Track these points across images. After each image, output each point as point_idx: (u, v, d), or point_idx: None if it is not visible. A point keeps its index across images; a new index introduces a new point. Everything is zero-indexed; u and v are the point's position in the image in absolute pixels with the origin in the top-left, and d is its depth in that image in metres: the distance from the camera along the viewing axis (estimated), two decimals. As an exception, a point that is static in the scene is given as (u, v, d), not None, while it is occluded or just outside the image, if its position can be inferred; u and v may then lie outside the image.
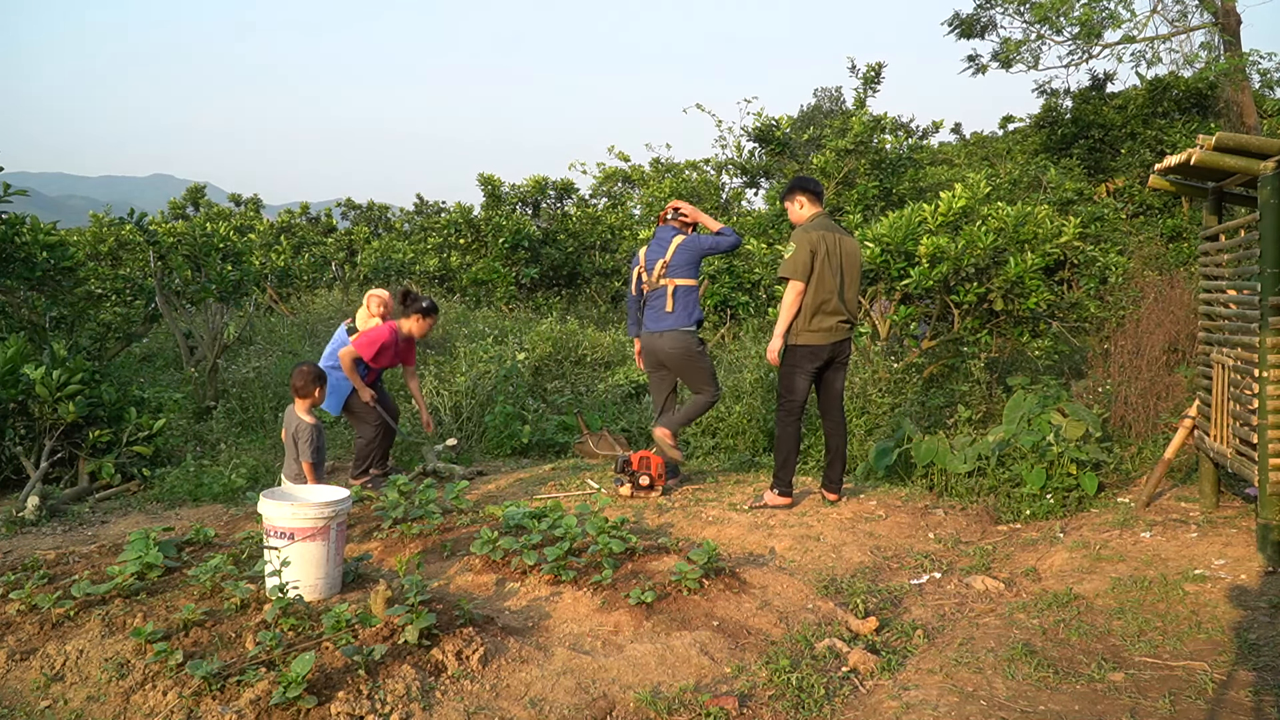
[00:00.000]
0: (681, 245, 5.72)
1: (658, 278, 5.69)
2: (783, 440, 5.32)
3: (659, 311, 5.68)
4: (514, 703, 2.99)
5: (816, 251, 5.12)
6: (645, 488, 5.61)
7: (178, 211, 21.28)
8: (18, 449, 5.98)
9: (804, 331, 5.18)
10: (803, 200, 5.38)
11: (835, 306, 5.18)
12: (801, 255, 5.12)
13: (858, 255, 5.34)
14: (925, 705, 2.96)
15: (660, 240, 5.79)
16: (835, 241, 5.21)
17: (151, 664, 3.13)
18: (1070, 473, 5.34)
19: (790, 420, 5.30)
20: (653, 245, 5.81)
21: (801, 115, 27.33)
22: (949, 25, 17.52)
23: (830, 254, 5.16)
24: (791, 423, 5.30)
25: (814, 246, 5.13)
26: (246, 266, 9.55)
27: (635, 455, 5.66)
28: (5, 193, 7.24)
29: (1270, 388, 3.89)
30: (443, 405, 7.86)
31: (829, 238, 5.19)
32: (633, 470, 5.62)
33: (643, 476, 5.60)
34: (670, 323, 5.63)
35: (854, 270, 5.29)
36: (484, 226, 15.50)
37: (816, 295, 5.14)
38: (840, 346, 5.29)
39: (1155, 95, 15.35)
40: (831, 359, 5.29)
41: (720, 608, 3.75)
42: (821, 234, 5.18)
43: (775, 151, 12.88)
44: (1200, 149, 4.12)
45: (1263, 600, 3.62)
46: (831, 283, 5.14)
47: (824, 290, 5.14)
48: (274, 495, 3.93)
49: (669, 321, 5.63)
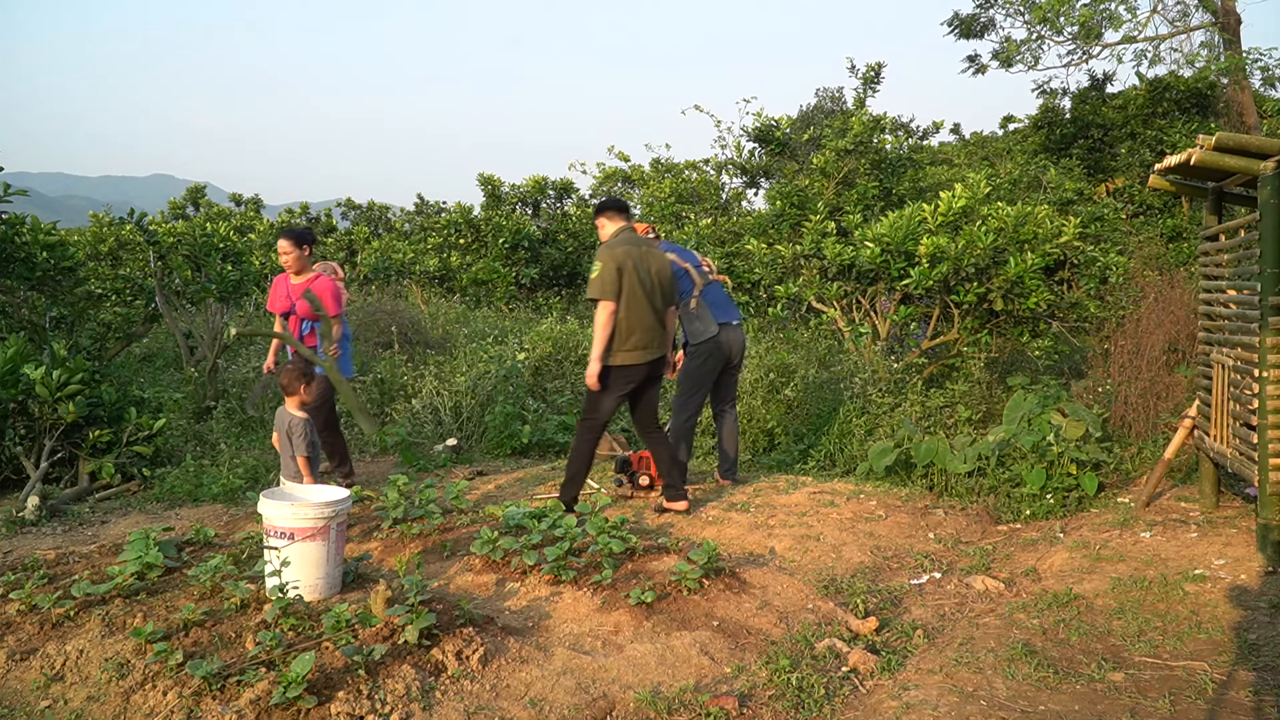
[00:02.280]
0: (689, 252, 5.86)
1: (716, 270, 5.78)
2: (577, 456, 5.10)
3: (728, 304, 5.76)
4: (514, 703, 2.99)
5: (623, 268, 4.91)
6: (645, 488, 5.61)
7: (178, 211, 21.28)
8: (18, 449, 5.98)
9: (619, 351, 4.95)
10: (602, 221, 5.19)
11: (649, 323, 4.99)
12: (608, 273, 4.90)
13: (668, 269, 5.15)
14: (925, 705, 2.96)
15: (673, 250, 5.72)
16: (641, 256, 5.00)
17: (151, 664, 3.13)
18: (1070, 473, 5.34)
19: (589, 438, 5.10)
20: (678, 251, 5.72)
21: (802, 115, 27.31)
22: (949, 25, 17.53)
23: (638, 269, 4.95)
24: (590, 440, 5.10)
25: (619, 263, 4.91)
26: (246, 266, 9.54)
27: (634, 455, 5.66)
28: (5, 193, 7.24)
29: (1270, 388, 3.89)
30: (443, 405, 7.85)
31: (634, 252, 4.97)
32: (632, 470, 5.62)
33: (642, 476, 5.60)
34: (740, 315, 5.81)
35: (665, 285, 5.10)
36: (484, 226, 15.51)
37: (629, 314, 4.93)
38: (656, 365, 5.12)
39: (1155, 95, 15.34)
40: (647, 377, 5.12)
41: (720, 608, 3.75)
42: (626, 249, 4.97)
43: (775, 151, 12.88)
44: (1200, 149, 4.12)
45: (1263, 600, 3.62)
46: (643, 300, 4.95)
47: (636, 308, 4.93)
48: (274, 495, 3.94)
49: (739, 314, 5.80)
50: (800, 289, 8.72)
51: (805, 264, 8.80)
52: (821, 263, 8.60)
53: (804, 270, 8.81)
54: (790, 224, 10.92)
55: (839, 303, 8.64)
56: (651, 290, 5.00)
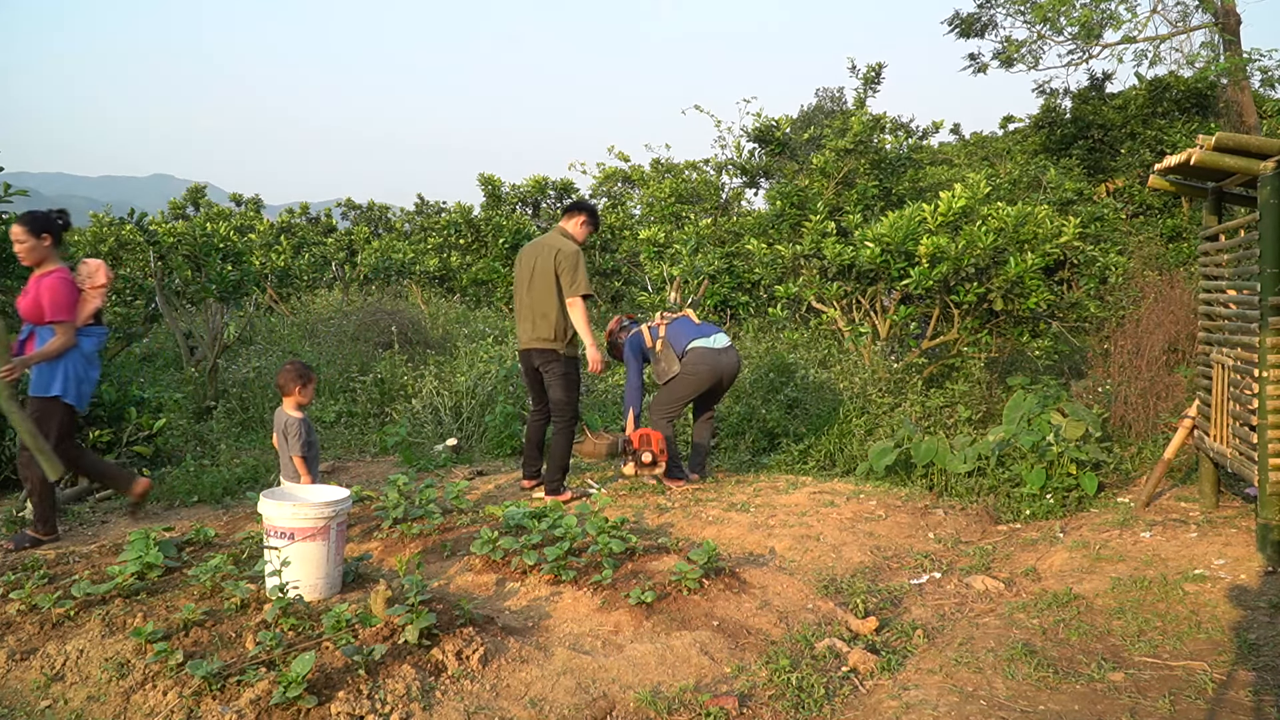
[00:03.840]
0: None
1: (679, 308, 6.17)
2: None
3: (704, 328, 5.98)
4: (514, 703, 2.99)
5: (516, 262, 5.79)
6: (649, 464, 5.65)
7: (178, 211, 21.27)
8: (18, 449, 5.98)
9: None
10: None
11: (521, 313, 5.62)
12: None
13: (548, 262, 5.53)
14: (925, 705, 2.96)
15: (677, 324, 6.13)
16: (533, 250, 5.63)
17: (151, 664, 3.13)
18: (1070, 473, 5.34)
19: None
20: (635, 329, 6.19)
21: (802, 115, 27.31)
22: (949, 24, 17.53)
23: (521, 264, 5.64)
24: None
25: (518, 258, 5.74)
26: (246, 266, 9.54)
27: (635, 434, 5.70)
28: (5, 193, 7.23)
29: (1270, 388, 3.89)
30: (443, 405, 7.85)
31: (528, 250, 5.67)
32: (634, 449, 5.66)
33: (644, 454, 5.64)
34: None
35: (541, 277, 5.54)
36: (484, 226, 15.50)
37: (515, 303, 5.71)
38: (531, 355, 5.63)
39: (1155, 95, 15.34)
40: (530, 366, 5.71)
41: (720, 608, 3.75)
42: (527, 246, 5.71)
43: (775, 151, 12.88)
44: (1200, 149, 4.13)
45: (1263, 600, 3.62)
46: (520, 292, 5.60)
47: (516, 298, 5.67)
48: (274, 495, 3.93)
49: (720, 333, 6.04)
50: (800, 289, 8.73)
51: (805, 264, 8.81)
52: (821, 263, 8.60)
53: (804, 270, 8.81)
54: (790, 224, 10.92)
55: (839, 303, 8.64)
56: (530, 282, 5.54)
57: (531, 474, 5.85)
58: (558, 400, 5.56)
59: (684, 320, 6.02)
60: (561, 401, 5.55)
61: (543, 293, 5.47)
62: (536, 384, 5.74)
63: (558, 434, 5.58)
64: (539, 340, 5.52)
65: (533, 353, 5.58)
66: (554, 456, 5.57)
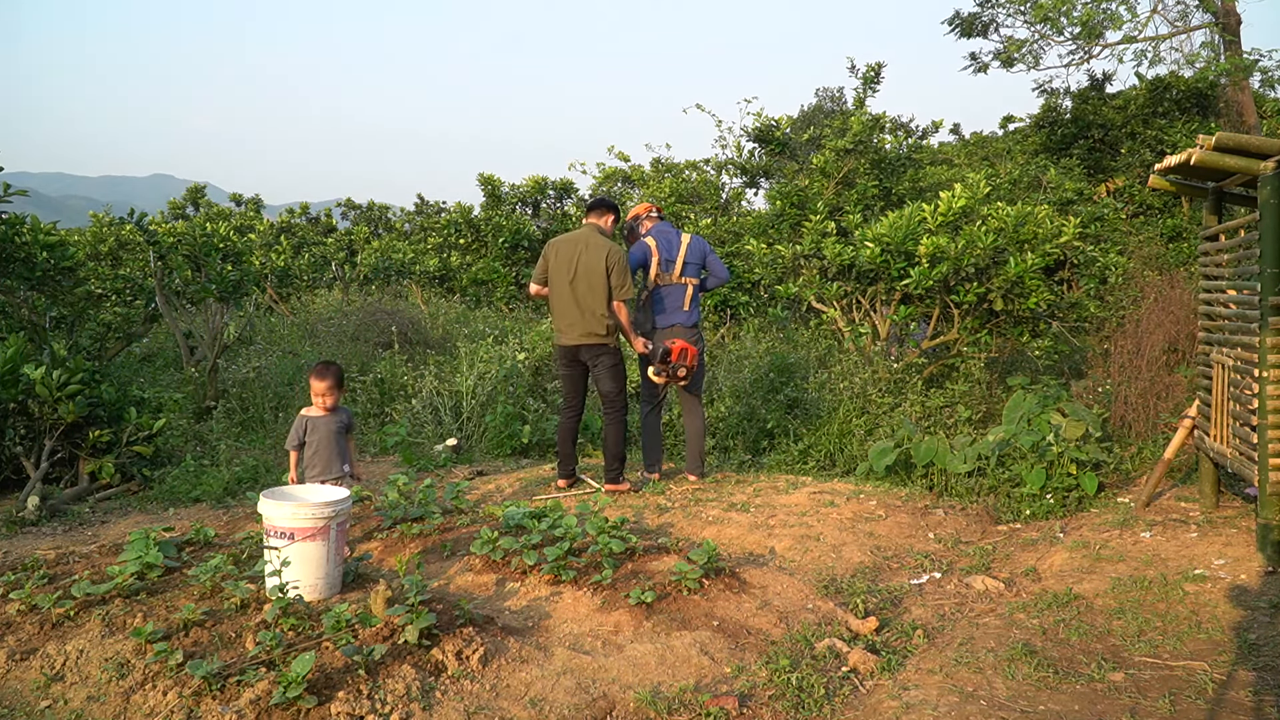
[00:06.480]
0: (693, 245, 5.87)
1: (679, 274, 5.83)
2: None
3: (676, 309, 5.82)
4: (514, 702, 2.99)
5: (546, 256, 5.69)
6: (681, 379, 5.70)
7: (178, 211, 21.27)
8: (18, 449, 5.98)
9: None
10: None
11: (562, 308, 5.60)
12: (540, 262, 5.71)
13: (599, 263, 5.51)
14: (925, 705, 2.96)
15: (665, 235, 5.81)
16: (574, 245, 5.60)
17: (151, 664, 3.13)
18: (1070, 473, 5.34)
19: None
20: (660, 241, 5.84)
21: (802, 115, 27.32)
22: (949, 24, 17.52)
23: (560, 257, 5.60)
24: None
25: (545, 252, 5.71)
26: (246, 266, 9.54)
27: (675, 346, 5.67)
28: (5, 193, 7.24)
29: (1270, 388, 3.89)
30: (443, 405, 7.85)
31: (566, 245, 5.62)
32: (672, 361, 5.67)
33: (680, 369, 5.67)
34: (691, 319, 5.86)
35: (593, 276, 5.51)
36: (484, 226, 15.51)
37: (552, 298, 5.66)
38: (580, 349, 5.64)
39: (1155, 95, 15.33)
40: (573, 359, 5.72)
41: (720, 608, 3.75)
42: (562, 240, 5.68)
43: (775, 151, 12.88)
44: (1200, 149, 4.12)
45: (1263, 600, 3.62)
46: (563, 286, 5.56)
47: (555, 293, 5.62)
48: (274, 495, 3.93)
49: (686, 318, 5.85)
50: (800, 289, 8.73)
51: (805, 264, 8.81)
52: (821, 263, 8.60)
53: (804, 270, 8.81)
54: (790, 224, 10.92)
55: (839, 303, 8.64)
56: (574, 279, 5.52)
57: (567, 473, 5.83)
58: (609, 392, 5.64)
59: (677, 289, 5.87)
60: (613, 392, 5.64)
61: (595, 290, 5.49)
62: (575, 380, 5.74)
63: (611, 425, 5.65)
64: (591, 336, 5.55)
65: (581, 348, 5.61)
66: (609, 446, 5.65)
